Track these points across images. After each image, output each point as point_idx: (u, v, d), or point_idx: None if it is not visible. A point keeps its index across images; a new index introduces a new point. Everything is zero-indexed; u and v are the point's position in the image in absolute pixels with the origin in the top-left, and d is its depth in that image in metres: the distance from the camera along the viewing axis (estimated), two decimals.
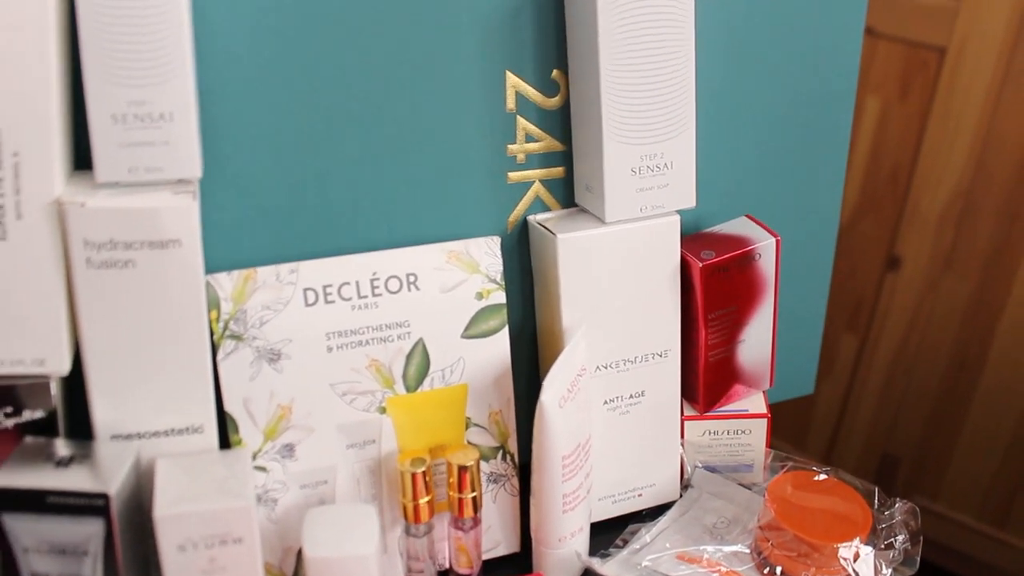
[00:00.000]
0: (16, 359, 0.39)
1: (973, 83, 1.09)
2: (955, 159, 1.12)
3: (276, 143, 0.43)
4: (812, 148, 0.56)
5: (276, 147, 0.43)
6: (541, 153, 0.49)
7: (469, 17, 0.45)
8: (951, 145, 1.12)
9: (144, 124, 0.38)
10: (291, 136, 0.43)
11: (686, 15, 0.45)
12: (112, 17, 0.36)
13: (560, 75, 0.48)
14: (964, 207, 1.13)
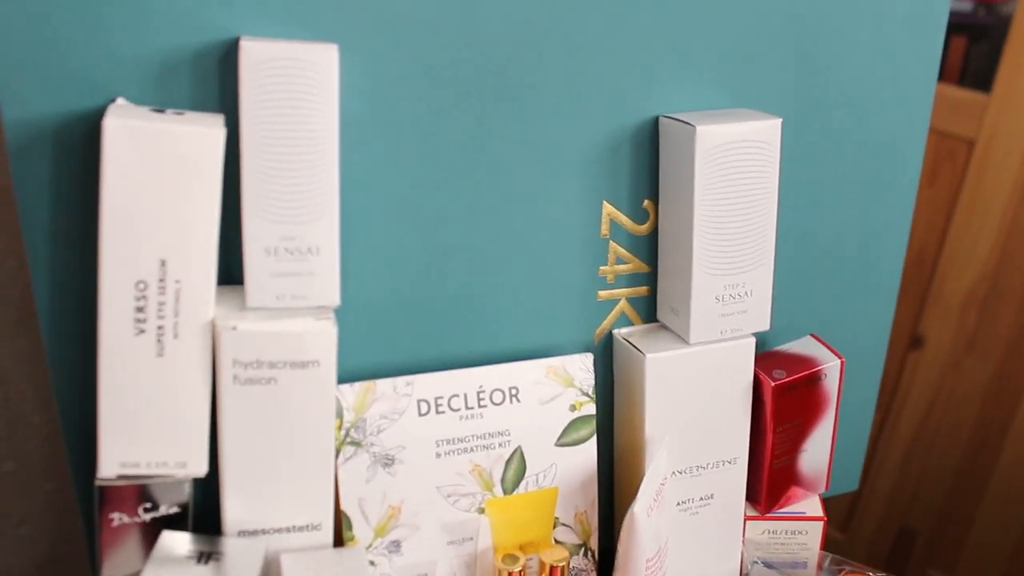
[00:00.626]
0: (161, 461, 0.43)
1: (1001, 175, 1.14)
2: (981, 245, 1.16)
3: (396, 268, 0.47)
4: (869, 270, 0.60)
5: (396, 272, 0.47)
6: (628, 274, 0.53)
7: (575, 153, 0.49)
8: (978, 232, 1.16)
9: (293, 257, 0.42)
10: (408, 262, 0.48)
11: (773, 157, 0.50)
12: (274, 164, 0.40)
13: (650, 204, 0.52)
14: (988, 291, 1.17)
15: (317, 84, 0.40)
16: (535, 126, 0.48)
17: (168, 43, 0.42)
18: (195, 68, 0.42)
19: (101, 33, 0.41)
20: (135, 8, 0.41)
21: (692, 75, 0.51)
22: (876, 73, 0.55)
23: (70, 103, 0.41)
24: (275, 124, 0.40)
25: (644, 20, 0.48)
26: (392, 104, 0.45)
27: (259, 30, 0.42)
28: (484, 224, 0.49)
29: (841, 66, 0.54)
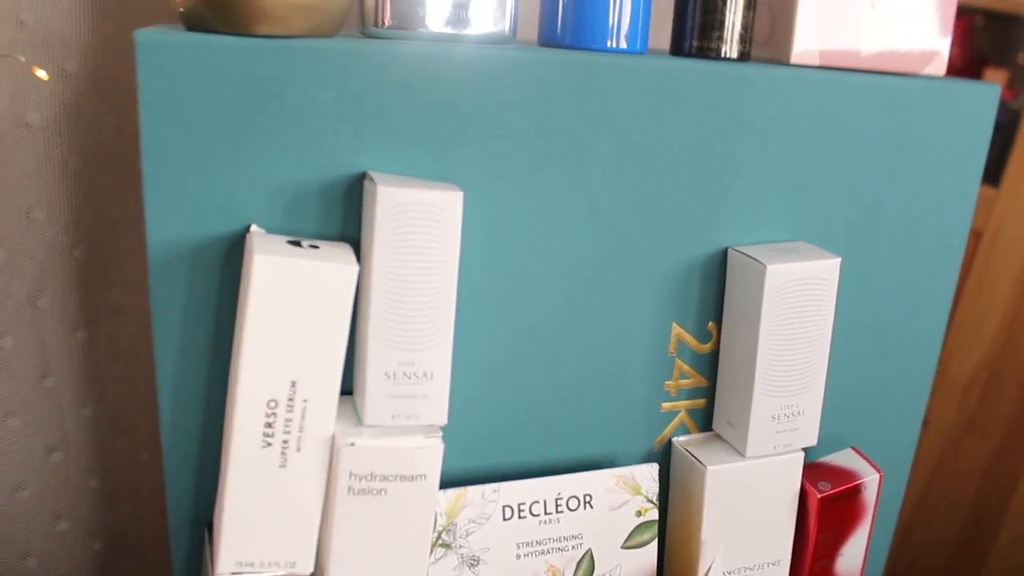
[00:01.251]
0: (273, 561, 0.46)
1: (1006, 265, 1.20)
2: (985, 332, 1.22)
3: (486, 383, 0.52)
4: (900, 382, 0.65)
5: (486, 387, 0.52)
6: (690, 387, 0.57)
7: (652, 280, 0.54)
8: (982, 319, 1.22)
9: (410, 380, 0.46)
10: (498, 378, 0.52)
11: (831, 291, 0.54)
12: (399, 297, 0.45)
13: (713, 326, 0.57)
14: (991, 376, 1.22)
15: (443, 226, 0.44)
16: (619, 255, 0.53)
17: (300, 176, 0.46)
18: (322, 198, 0.47)
19: (243, 167, 0.45)
20: (275, 146, 0.45)
21: (758, 210, 0.56)
22: (916, 212, 0.60)
23: (209, 227, 0.46)
24: (403, 261, 0.44)
25: (719, 164, 0.53)
26: (494, 234, 0.50)
27: (382, 165, 0.47)
28: (567, 342, 0.53)
29: (888, 204, 0.59)
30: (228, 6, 0.43)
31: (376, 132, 0.46)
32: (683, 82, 0.51)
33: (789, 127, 0.54)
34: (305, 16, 0.44)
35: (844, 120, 0.56)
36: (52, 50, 0.58)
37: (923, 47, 0.58)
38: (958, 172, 0.61)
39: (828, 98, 0.55)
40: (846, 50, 0.56)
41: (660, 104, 0.51)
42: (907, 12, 0.57)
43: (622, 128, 0.50)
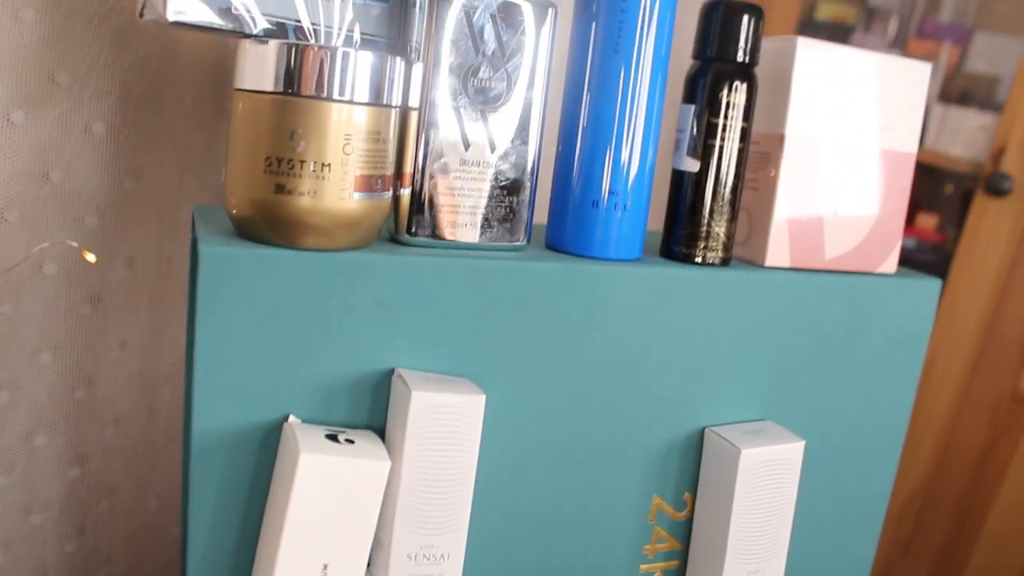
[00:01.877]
0: None
1: (940, 393, 1.29)
2: (920, 457, 1.31)
3: (485, 546, 0.56)
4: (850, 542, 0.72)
5: (485, 549, 0.57)
6: (665, 550, 0.63)
7: (637, 457, 0.60)
8: (917, 445, 1.31)
9: (429, 561, 0.50)
10: (496, 541, 0.57)
11: (795, 470, 0.61)
12: (424, 488, 0.49)
13: (689, 496, 0.63)
14: (925, 501, 1.31)
15: (466, 425, 0.50)
16: (608, 435, 0.59)
17: (336, 371, 0.51)
18: (353, 391, 0.52)
19: (286, 364, 0.50)
20: (316, 345, 0.50)
21: (732, 394, 0.62)
22: (868, 390, 0.68)
23: (249, 417, 0.50)
24: (429, 455, 0.49)
25: (700, 355, 0.60)
26: (502, 421, 0.55)
27: (408, 362, 0.52)
28: (560, 514, 0.58)
29: (843, 385, 0.67)
30: (282, 221, 0.48)
31: (404, 332, 0.52)
32: (672, 287, 0.58)
33: (762, 321, 0.61)
34: (349, 231, 0.50)
35: (809, 313, 0.63)
36: (74, 205, 0.63)
37: (878, 249, 0.66)
38: (904, 355, 0.69)
39: (796, 296, 0.62)
40: (812, 253, 0.63)
41: (651, 305, 0.57)
42: (864, 220, 0.65)
43: (617, 326, 0.57)
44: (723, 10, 0.58)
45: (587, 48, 0.55)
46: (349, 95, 0.47)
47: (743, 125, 0.59)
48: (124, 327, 0.70)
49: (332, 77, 0.47)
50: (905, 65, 0.64)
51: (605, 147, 0.56)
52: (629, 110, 0.55)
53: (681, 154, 0.59)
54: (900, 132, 0.65)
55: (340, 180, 0.48)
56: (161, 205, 0.70)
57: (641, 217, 0.58)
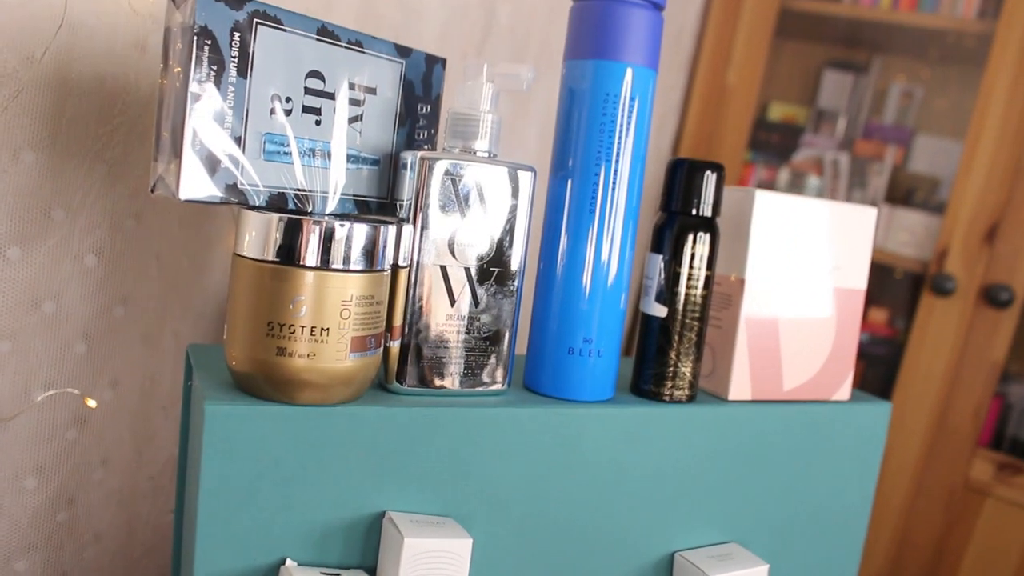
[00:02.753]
0: None
1: (892, 490, 1.34)
2: (876, 552, 1.35)
3: None
4: None
5: None
6: None
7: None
8: (873, 540, 1.35)
9: None
10: None
11: None
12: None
13: None
14: None
15: (455, 565, 0.53)
16: (587, 566, 0.62)
17: (330, 516, 0.54)
18: (347, 533, 0.54)
19: (283, 510, 0.53)
20: (312, 493, 0.53)
21: (699, 519, 0.66)
22: (827, 510, 0.72)
23: (248, 559, 0.53)
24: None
25: (669, 484, 0.64)
26: (489, 559, 0.58)
27: (398, 504, 0.55)
28: None
29: (803, 506, 0.71)
30: (281, 380, 0.52)
31: (394, 477, 0.55)
32: (642, 424, 0.62)
33: (727, 451, 0.66)
34: (345, 387, 0.53)
35: (769, 441, 0.67)
36: (63, 332, 0.66)
37: (832, 378, 0.71)
38: (859, 473, 0.73)
39: (757, 426, 0.67)
40: (772, 385, 0.68)
41: (624, 441, 0.61)
42: (819, 352, 0.70)
43: (593, 462, 0.60)
44: (687, 168, 0.63)
45: (563, 206, 0.60)
46: (346, 264, 0.51)
47: (707, 274, 0.63)
48: (107, 447, 0.72)
49: (330, 249, 0.51)
50: (854, 210, 0.70)
51: (580, 298, 0.60)
52: (603, 263, 0.60)
53: (649, 300, 0.64)
54: (850, 271, 0.70)
55: (337, 343, 0.51)
56: (147, 327, 0.73)
57: (614, 360, 0.62)
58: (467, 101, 0.57)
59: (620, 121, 0.59)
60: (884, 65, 1.60)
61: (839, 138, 1.59)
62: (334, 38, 0.54)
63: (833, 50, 1.66)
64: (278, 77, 0.52)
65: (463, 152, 0.57)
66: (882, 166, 1.52)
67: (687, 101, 1.49)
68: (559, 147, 0.60)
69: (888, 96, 1.58)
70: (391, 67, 0.58)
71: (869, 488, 0.75)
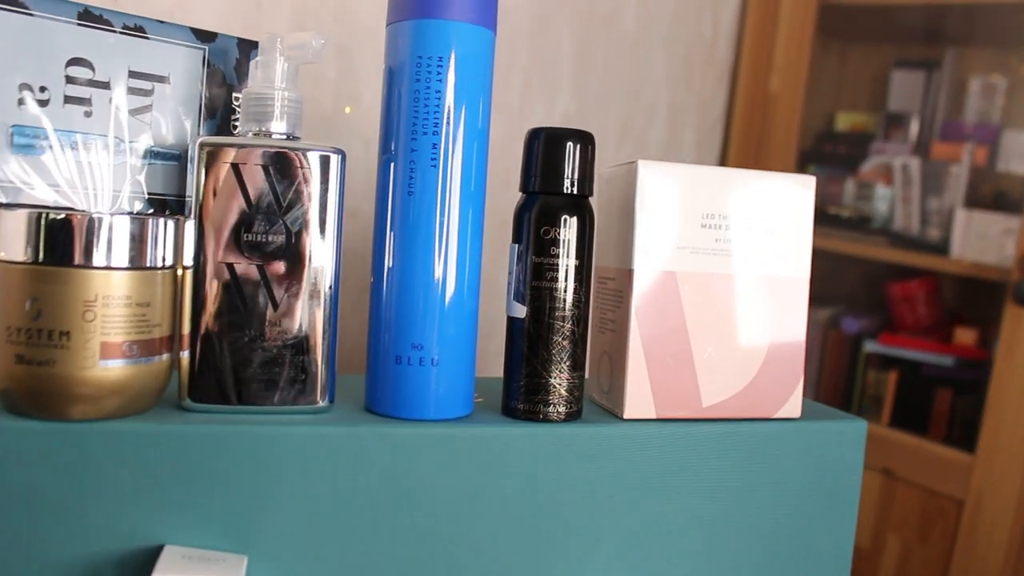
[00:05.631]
0: None
1: (992, 536, 1.13)
2: None
3: None
4: None
5: None
6: None
7: None
8: None
9: None
10: None
11: None
12: None
13: None
14: None
15: None
16: None
17: (100, 548, 0.47)
18: (120, 568, 0.47)
19: (44, 541, 0.46)
20: (75, 521, 0.46)
21: (598, 568, 0.54)
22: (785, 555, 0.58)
23: None
24: None
25: (549, 524, 0.53)
26: None
27: (182, 539, 0.47)
28: None
29: (754, 549, 0.57)
30: (32, 392, 0.46)
31: (177, 506, 0.47)
32: (498, 448, 0.51)
33: (627, 484, 0.54)
34: (117, 397, 0.47)
35: (689, 470, 0.55)
36: None
37: (773, 391, 0.58)
38: (829, 508, 0.59)
39: (665, 452, 0.54)
40: (684, 401, 0.56)
41: (482, 471, 0.51)
42: (749, 359, 0.57)
43: (440, 493, 0.51)
44: (545, 138, 0.53)
45: (387, 192, 0.52)
46: (93, 261, 0.45)
47: (575, 263, 0.53)
48: None
49: (72, 245, 0.45)
50: (783, 181, 0.58)
51: (407, 299, 0.51)
52: (436, 256, 0.51)
53: (510, 299, 0.54)
54: (785, 256, 0.58)
55: (82, 349, 0.45)
56: None
57: (462, 372, 0.53)
58: (261, 79, 0.50)
59: (445, 89, 0.50)
60: (959, 58, 1.41)
61: (912, 143, 1.42)
62: (103, 23, 0.49)
63: (901, 49, 1.49)
64: (27, 65, 0.47)
65: (257, 136, 0.50)
66: (960, 168, 1.33)
67: (730, 113, 1.37)
68: (383, 127, 0.52)
69: (967, 91, 1.39)
70: (188, 54, 0.53)
71: (846, 533, 0.60)
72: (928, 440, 1.22)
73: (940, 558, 1.17)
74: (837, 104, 1.52)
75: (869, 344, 1.32)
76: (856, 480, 0.60)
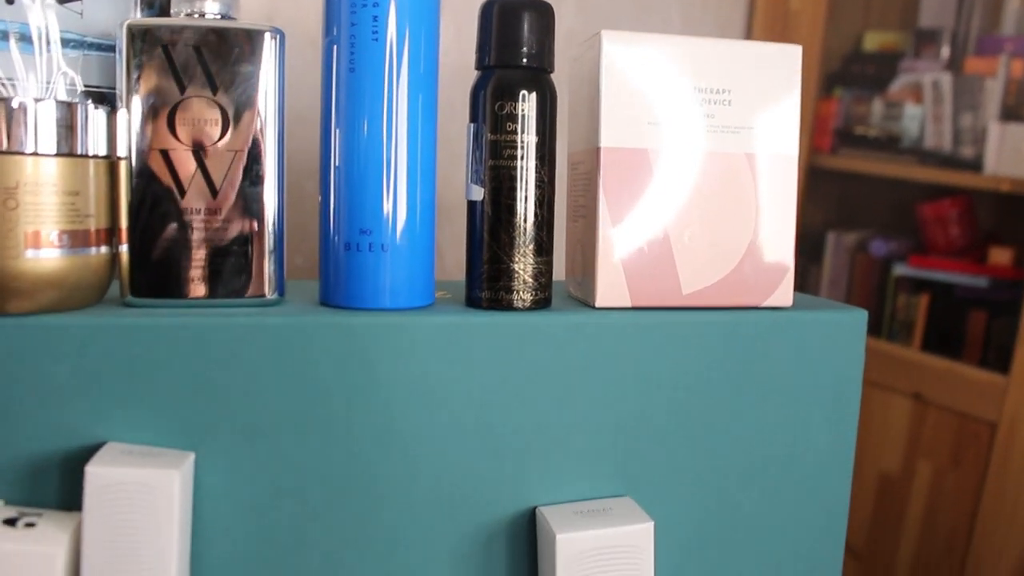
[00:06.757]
0: None
1: None
2: (1015, 535, 1.08)
3: None
4: None
5: None
6: None
7: (445, 548, 0.50)
8: (1010, 520, 1.08)
9: None
10: None
11: (645, 559, 0.49)
12: None
13: None
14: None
15: (158, 507, 0.42)
16: (404, 520, 0.49)
17: (40, 446, 0.45)
18: (64, 467, 0.45)
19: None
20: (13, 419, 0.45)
21: (571, 466, 0.51)
22: (780, 453, 0.55)
23: None
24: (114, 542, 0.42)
25: (516, 419, 0.50)
26: (255, 502, 0.47)
27: (127, 436, 0.46)
28: None
29: (746, 448, 0.54)
30: None
31: (119, 402, 0.45)
32: (456, 338, 0.48)
33: (601, 377, 0.51)
34: (54, 290, 0.45)
35: (668, 363, 0.52)
36: None
37: (760, 278, 0.54)
38: (827, 408, 0.55)
39: (642, 343, 0.51)
40: (662, 289, 0.52)
41: (443, 362, 0.48)
42: (733, 243, 0.53)
43: (397, 389, 0.48)
44: (498, 9, 0.50)
45: (331, 71, 0.49)
46: (14, 147, 0.43)
47: (535, 140, 0.50)
48: None
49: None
50: (766, 51, 0.54)
51: (357, 181, 0.48)
52: (384, 137, 0.48)
53: (467, 182, 0.51)
54: (770, 132, 0.53)
55: (5, 238, 0.43)
56: None
57: (418, 260, 0.50)
58: None
59: None
60: None
61: (944, 60, 1.34)
62: None
63: None
64: None
65: (189, 17, 0.47)
66: (996, 82, 1.25)
67: (748, 34, 1.30)
68: (324, 6, 0.49)
69: (1005, 2, 1.31)
70: None
71: (846, 436, 0.56)
72: (961, 363, 1.16)
73: (973, 483, 1.11)
74: (865, 23, 1.45)
75: (899, 267, 1.26)
76: (856, 378, 0.56)
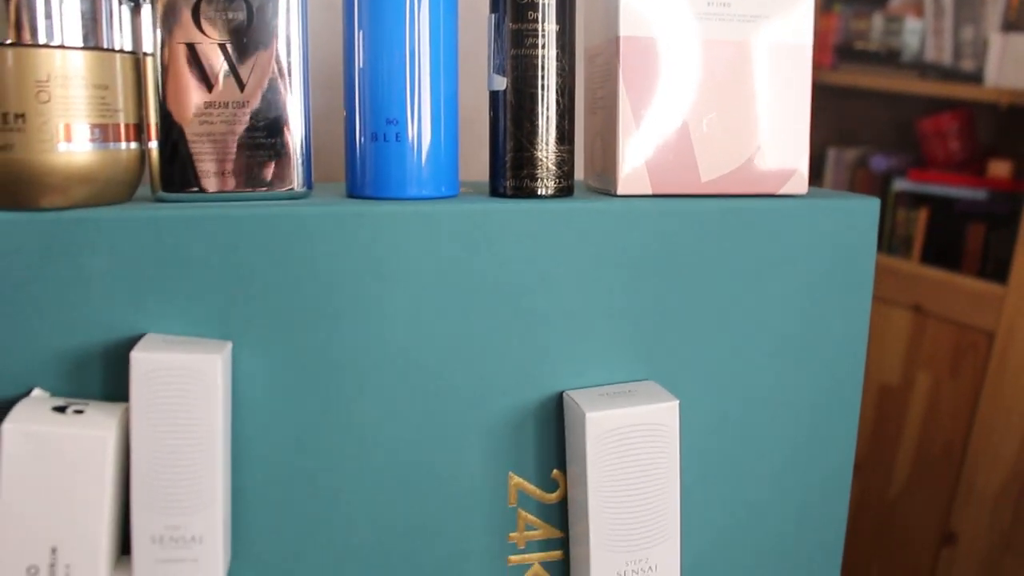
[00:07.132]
0: None
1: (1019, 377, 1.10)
2: (1009, 441, 1.12)
3: (296, 543, 0.50)
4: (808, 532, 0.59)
5: (296, 546, 0.50)
6: (540, 539, 0.54)
7: (478, 428, 0.51)
8: (1005, 427, 1.12)
9: (178, 545, 0.44)
10: (308, 537, 0.50)
11: (671, 437, 0.50)
12: (160, 460, 0.44)
13: (559, 474, 0.53)
14: (1021, 489, 1.11)
15: (203, 390, 0.44)
16: (436, 404, 0.51)
17: (82, 339, 0.46)
18: (106, 359, 0.47)
19: (22, 331, 0.46)
20: (54, 313, 0.46)
21: (598, 351, 0.53)
22: (795, 341, 0.56)
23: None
24: (162, 425, 0.44)
25: (543, 306, 0.51)
26: (291, 389, 0.49)
27: (164, 327, 0.47)
28: (387, 492, 0.51)
29: (762, 335, 0.55)
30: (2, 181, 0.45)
31: (155, 295, 0.46)
32: (481, 226, 0.49)
33: (620, 263, 0.52)
34: (86, 185, 0.45)
35: (688, 249, 0.53)
36: None
37: (774, 166, 0.55)
38: (841, 294, 0.57)
39: (663, 229, 0.52)
40: (682, 177, 0.53)
41: (469, 250, 0.49)
42: (749, 131, 0.54)
43: (425, 276, 0.49)
44: None
45: None
46: (42, 39, 0.43)
47: (556, 28, 0.50)
48: None
49: (20, 22, 0.43)
50: None
51: (380, 73, 0.49)
52: (406, 31, 0.48)
53: (490, 73, 0.51)
54: (785, 21, 0.54)
55: (39, 131, 0.44)
56: None
57: (444, 149, 0.50)
58: None
59: None
60: None
61: None
62: None
63: None
64: None
65: None
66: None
67: None
68: None
69: None
70: None
71: (859, 318, 0.58)
72: (960, 275, 1.18)
73: (970, 392, 1.14)
74: None
75: (899, 182, 1.27)
76: (869, 263, 0.57)
